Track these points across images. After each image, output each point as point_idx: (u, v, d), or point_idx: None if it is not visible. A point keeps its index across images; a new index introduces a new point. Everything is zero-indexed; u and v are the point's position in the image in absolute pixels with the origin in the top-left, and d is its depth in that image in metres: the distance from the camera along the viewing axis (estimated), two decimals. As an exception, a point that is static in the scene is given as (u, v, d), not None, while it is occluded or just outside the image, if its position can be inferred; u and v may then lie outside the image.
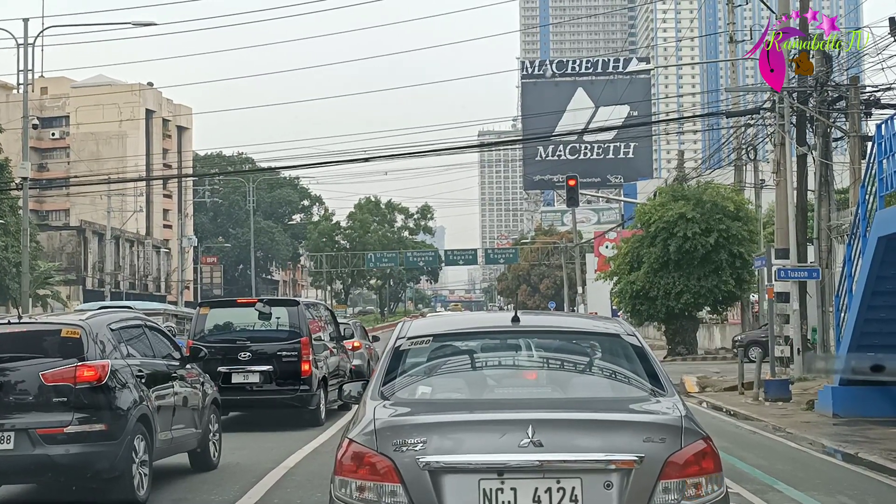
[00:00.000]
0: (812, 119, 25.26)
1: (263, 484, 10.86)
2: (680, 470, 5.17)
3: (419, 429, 5.29)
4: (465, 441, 5.25)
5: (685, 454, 5.20)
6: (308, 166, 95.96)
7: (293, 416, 16.47)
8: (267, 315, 17.18)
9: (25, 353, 9.44)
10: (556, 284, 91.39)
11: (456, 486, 5.12)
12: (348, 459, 5.29)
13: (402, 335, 6.30)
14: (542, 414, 5.46)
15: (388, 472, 5.16)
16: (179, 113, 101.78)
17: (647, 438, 5.21)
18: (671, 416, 5.44)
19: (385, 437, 5.24)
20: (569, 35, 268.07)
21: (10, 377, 9.22)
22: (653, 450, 5.16)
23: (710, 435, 5.44)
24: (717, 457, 5.35)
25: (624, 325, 6.56)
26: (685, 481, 5.18)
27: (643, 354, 6.09)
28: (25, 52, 38.41)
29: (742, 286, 39.74)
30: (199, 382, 11.88)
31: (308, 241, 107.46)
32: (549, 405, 5.77)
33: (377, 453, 5.20)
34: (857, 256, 17.60)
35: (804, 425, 16.60)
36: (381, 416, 5.46)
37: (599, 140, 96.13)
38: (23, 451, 8.93)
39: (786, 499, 10.28)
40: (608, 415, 5.55)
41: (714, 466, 5.29)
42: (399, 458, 5.16)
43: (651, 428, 5.32)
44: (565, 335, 6.65)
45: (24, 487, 10.57)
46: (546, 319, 8.12)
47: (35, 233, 57.56)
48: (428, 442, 5.19)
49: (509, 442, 5.14)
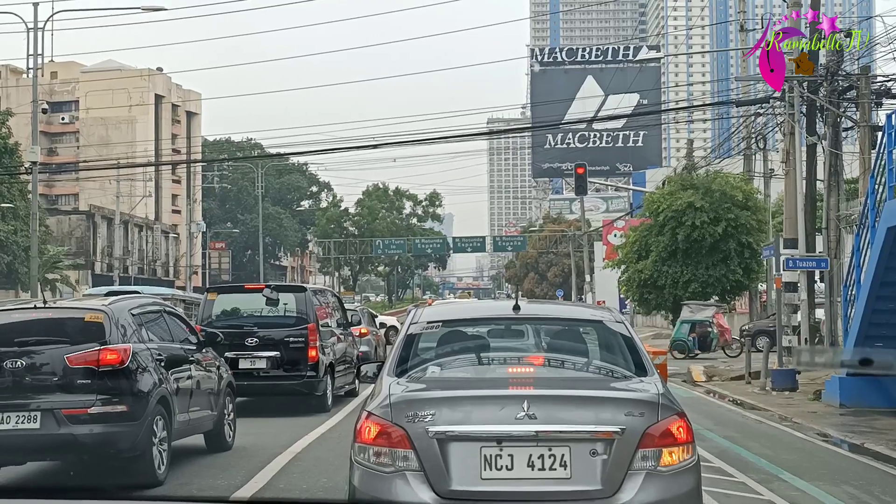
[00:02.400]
0: (822, 109, 25.16)
1: (270, 469, 10.90)
2: (656, 440, 5.85)
3: (429, 403, 6.02)
4: (469, 413, 5.95)
5: (661, 427, 5.89)
6: (317, 152, 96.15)
7: (300, 401, 16.50)
8: (274, 301, 17.20)
9: (50, 336, 9.89)
10: (563, 272, 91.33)
11: (460, 452, 5.81)
12: (367, 429, 5.99)
13: (415, 321, 7.03)
14: (536, 391, 6.24)
15: (402, 440, 5.85)
16: (189, 98, 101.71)
17: (628, 412, 5.91)
18: (650, 393, 6.15)
19: (399, 409, 5.95)
20: (579, 23, 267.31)
21: (35, 360, 9.68)
22: (633, 422, 5.85)
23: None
24: (690, 429, 6.05)
25: (613, 313, 7.40)
26: (661, 450, 5.85)
27: (628, 340, 6.81)
28: (35, 36, 38.48)
29: (750, 276, 39.66)
30: (215, 366, 12.25)
31: (316, 228, 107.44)
32: (543, 383, 6.50)
33: (392, 424, 5.90)
34: (865, 247, 17.55)
35: (811, 415, 16.60)
36: (396, 392, 6.16)
37: (609, 128, 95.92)
38: (48, 431, 9.37)
39: (791, 488, 10.28)
40: (594, 392, 6.36)
41: (686, 437, 5.98)
42: (411, 427, 5.85)
43: (631, 404, 6.03)
44: (560, 322, 7.57)
45: (47, 466, 10.71)
46: (544, 308, 9.29)
47: (44, 217, 57.70)
48: (437, 414, 5.88)
49: (507, 415, 5.84)
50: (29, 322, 10.10)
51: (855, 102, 24.94)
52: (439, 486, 5.78)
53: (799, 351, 19.74)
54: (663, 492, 5.83)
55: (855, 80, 24.81)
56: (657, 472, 5.83)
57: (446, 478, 5.78)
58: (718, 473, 11.00)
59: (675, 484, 5.88)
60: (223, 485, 10.17)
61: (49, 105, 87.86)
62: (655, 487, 5.82)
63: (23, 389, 9.55)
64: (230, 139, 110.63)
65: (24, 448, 9.55)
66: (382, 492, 5.84)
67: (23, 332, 9.94)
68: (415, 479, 5.81)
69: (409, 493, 5.78)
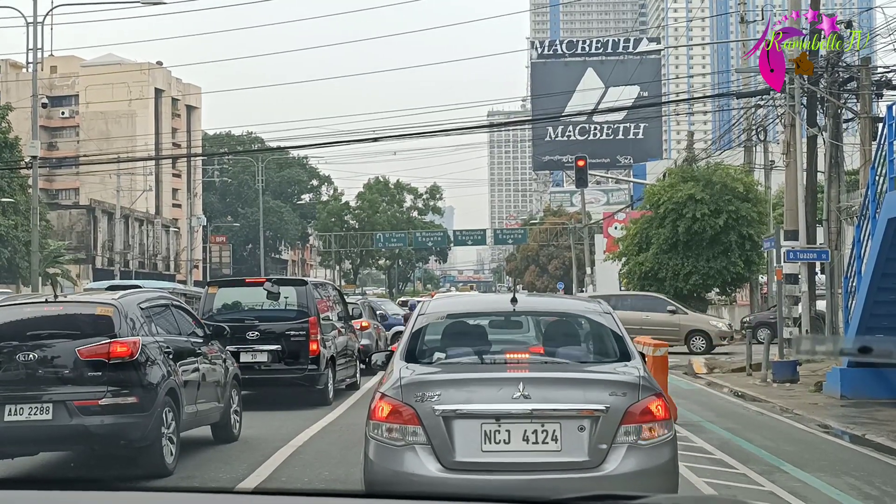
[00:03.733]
0: (823, 100, 25.15)
1: (272, 462, 10.93)
2: (637, 417, 6.59)
3: (436, 384, 6.77)
4: (471, 394, 6.71)
5: (641, 405, 6.62)
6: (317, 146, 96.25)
7: (301, 395, 16.52)
8: (275, 295, 17.20)
9: (61, 330, 10.11)
10: (564, 265, 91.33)
11: (464, 428, 6.54)
12: (380, 408, 6.71)
13: (422, 312, 7.82)
14: (530, 374, 7.03)
15: (411, 418, 6.58)
16: (189, 92, 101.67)
17: (612, 393, 6.67)
18: (632, 376, 6.90)
19: (409, 390, 6.69)
20: (579, 15, 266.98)
21: (47, 353, 9.89)
22: (616, 402, 6.60)
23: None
24: (667, 408, 6.80)
25: (601, 305, 8.09)
26: (641, 426, 6.59)
27: (615, 328, 7.56)
28: (35, 30, 38.43)
29: (751, 268, 39.64)
30: (221, 359, 12.46)
31: (317, 221, 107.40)
32: (537, 368, 7.34)
33: (403, 403, 6.64)
34: (866, 238, 17.55)
35: (811, 407, 16.60)
36: (406, 375, 6.90)
37: (609, 121, 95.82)
38: (60, 422, 9.57)
39: (792, 479, 10.30)
40: (582, 374, 7.15)
41: (664, 415, 6.70)
42: (420, 406, 6.59)
43: (615, 385, 6.77)
44: (553, 314, 8.48)
45: (59, 456, 10.79)
46: (539, 301, 10.60)
47: (45, 211, 57.69)
48: (442, 394, 6.64)
49: (505, 395, 6.59)
50: (40, 316, 10.29)
51: (855, 93, 24.94)
52: (445, 458, 6.51)
53: (799, 339, 19.71)
54: (643, 462, 6.55)
55: (855, 72, 24.80)
56: (638, 446, 6.55)
57: (451, 450, 6.52)
58: (720, 465, 11.02)
59: (654, 455, 6.60)
60: (226, 477, 10.21)
61: (49, 99, 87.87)
62: (636, 459, 6.54)
63: (35, 381, 9.75)
64: (230, 133, 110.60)
65: (37, 439, 9.74)
66: (395, 463, 6.57)
67: (34, 326, 10.13)
68: (423, 451, 6.54)
69: (417, 464, 6.51)
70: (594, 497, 2.56)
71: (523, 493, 6.38)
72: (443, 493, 2.80)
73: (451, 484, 6.39)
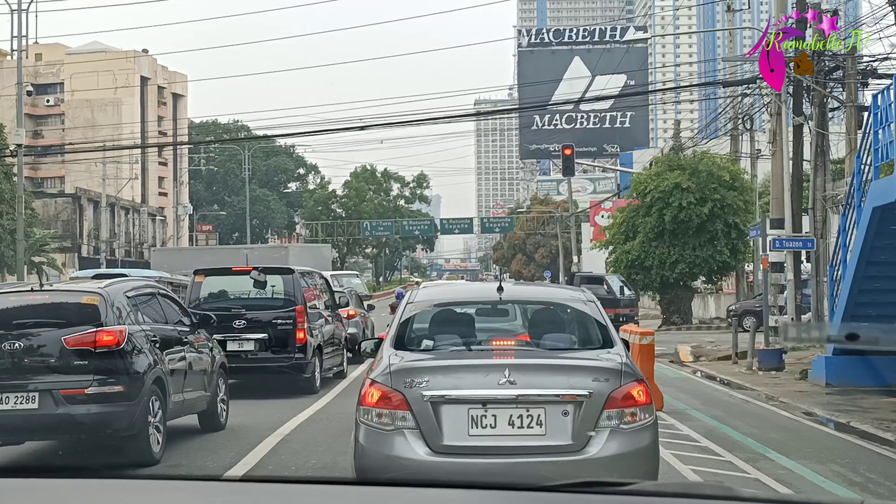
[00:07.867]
0: (809, 89, 25.21)
1: (259, 450, 10.93)
2: (619, 402, 6.74)
3: (424, 371, 6.90)
4: (458, 380, 6.85)
5: (623, 391, 6.78)
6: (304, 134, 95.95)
7: (288, 383, 16.50)
8: (262, 283, 17.18)
9: (47, 319, 10.10)
10: (551, 254, 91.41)
11: (451, 413, 6.69)
12: (370, 394, 6.84)
13: (411, 301, 7.94)
14: (516, 360, 7.18)
15: (400, 403, 6.70)
16: (175, 80, 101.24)
17: (594, 378, 6.83)
18: (614, 362, 7.06)
19: (398, 377, 6.81)
20: (566, 3, 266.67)
21: (33, 342, 9.88)
22: (599, 387, 6.76)
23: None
24: (648, 393, 6.95)
25: (585, 293, 8.25)
26: (623, 410, 6.75)
27: (598, 317, 7.75)
28: (19, 17, 38.30)
29: (737, 256, 39.77)
30: (208, 347, 12.44)
31: (304, 210, 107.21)
32: (522, 354, 7.47)
33: (392, 389, 6.76)
34: (851, 226, 17.61)
35: (797, 394, 16.68)
36: (395, 362, 7.01)
37: (596, 109, 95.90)
38: (46, 410, 9.56)
39: (778, 467, 10.35)
40: (566, 361, 7.27)
41: (645, 400, 6.86)
42: (408, 392, 6.71)
43: (598, 371, 6.93)
44: (538, 303, 8.69)
45: (45, 445, 10.76)
46: (524, 290, 10.71)
47: (30, 200, 57.42)
48: (430, 381, 6.77)
49: (491, 381, 6.74)
50: (26, 305, 10.28)
51: (841, 83, 25.01)
52: (433, 442, 6.67)
53: (786, 326, 19.78)
54: (625, 446, 6.73)
55: (841, 61, 24.86)
56: (620, 430, 6.72)
57: (439, 434, 6.67)
58: (706, 452, 11.07)
59: (635, 439, 6.77)
60: (213, 466, 10.21)
61: (34, 87, 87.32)
62: (618, 442, 6.71)
63: (21, 370, 9.73)
64: (217, 121, 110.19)
65: (23, 428, 9.73)
66: (384, 447, 6.71)
67: (20, 315, 10.10)
68: (412, 435, 6.68)
69: (406, 447, 6.65)
70: (581, 484, 2.57)
71: (509, 475, 6.39)
72: (429, 481, 2.79)
73: (439, 467, 6.52)
